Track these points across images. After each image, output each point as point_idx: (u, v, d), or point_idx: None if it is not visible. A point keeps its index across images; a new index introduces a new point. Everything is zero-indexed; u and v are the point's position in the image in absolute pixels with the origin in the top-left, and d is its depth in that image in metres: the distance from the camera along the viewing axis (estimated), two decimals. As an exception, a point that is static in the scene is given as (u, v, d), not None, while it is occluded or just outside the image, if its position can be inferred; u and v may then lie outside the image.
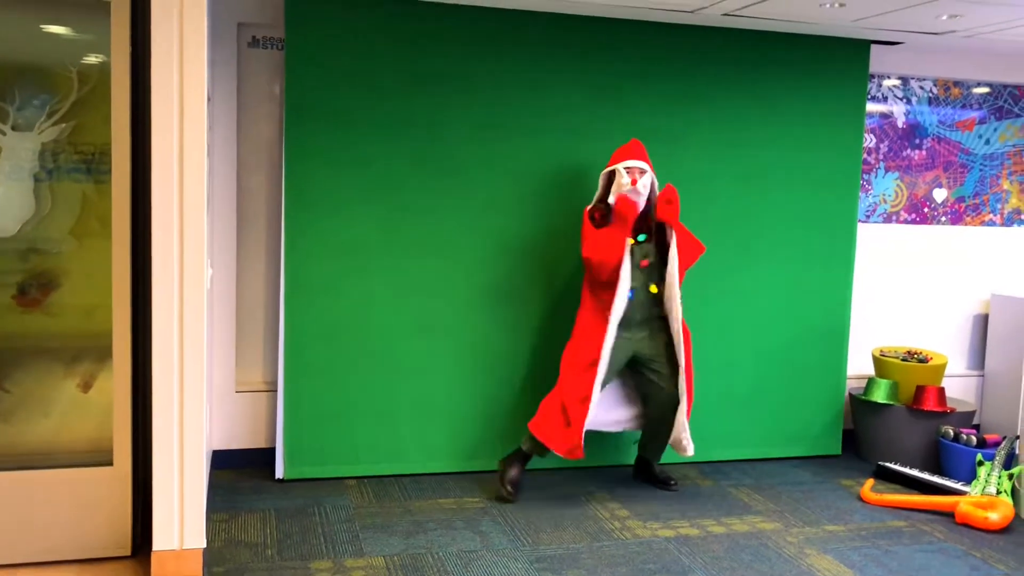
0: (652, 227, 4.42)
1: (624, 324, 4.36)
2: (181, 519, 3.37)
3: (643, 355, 4.43)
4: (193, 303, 3.31)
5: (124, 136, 3.41)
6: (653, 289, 4.39)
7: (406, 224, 4.60)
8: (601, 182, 4.40)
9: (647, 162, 4.34)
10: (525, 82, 4.70)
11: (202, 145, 3.28)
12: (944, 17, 4.37)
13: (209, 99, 3.98)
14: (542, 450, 4.38)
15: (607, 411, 4.56)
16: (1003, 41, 4.92)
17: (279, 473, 4.54)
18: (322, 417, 4.56)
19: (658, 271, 4.40)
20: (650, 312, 4.41)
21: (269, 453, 4.64)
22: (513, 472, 4.42)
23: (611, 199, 4.29)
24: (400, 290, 4.62)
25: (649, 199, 4.38)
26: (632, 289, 4.34)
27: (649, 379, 4.45)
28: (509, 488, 4.37)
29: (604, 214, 4.33)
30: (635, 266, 4.35)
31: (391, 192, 4.57)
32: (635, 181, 4.25)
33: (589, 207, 4.38)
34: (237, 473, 4.62)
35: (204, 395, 3.38)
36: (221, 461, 4.67)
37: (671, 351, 4.43)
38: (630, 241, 4.32)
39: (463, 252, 4.67)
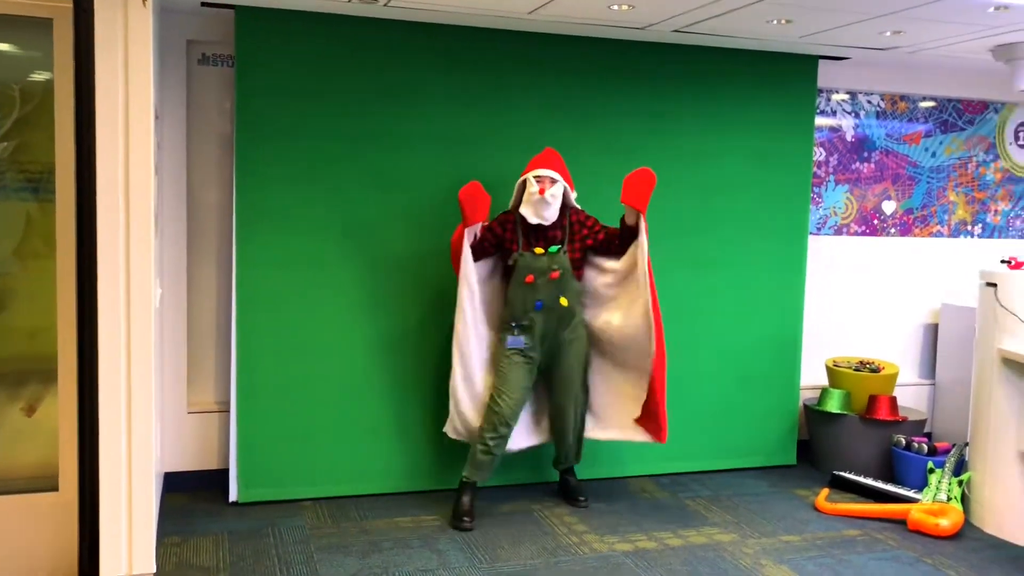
0: (564, 238, 4.38)
1: (531, 337, 4.33)
2: (130, 544, 3.31)
3: (552, 368, 4.42)
4: (140, 324, 3.26)
5: (68, 154, 3.35)
6: (564, 302, 4.34)
7: (360, 240, 4.58)
8: (515, 191, 4.36)
9: (561, 171, 4.30)
10: (480, 98, 4.71)
11: (148, 163, 3.24)
12: (888, 33, 4.46)
13: (157, 116, 3.94)
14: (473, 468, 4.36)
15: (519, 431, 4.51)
16: (946, 56, 5.03)
17: (233, 495, 4.47)
18: (276, 437, 4.50)
19: (569, 283, 4.36)
20: (559, 324, 4.37)
21: (223, 475, 4.57)
22: (464, 501, 4.36)
23: (522, 208, 4.27)
24: (355, 307, 4.59)
25: (563, 208, 4.34)
26: (539, 301, 4.31)
27: (557, 390, 4.44)
28: (466, 520, 4.31)
29: (512, 224, 4.32)
30: (544, 278, 4.30)
31: (344, 207, 4.55)
32: (543, 190, 4.21)
33: (499, 215, 4.40)
34: (190, 496, 4.54)
35: (153, 417, 3.32)
36: (173, 484, 4.59)
37: (583, 362, 4.44)
38: (539, 251, 4.30)
39: (418, 268, 4.65)
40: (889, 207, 5.82)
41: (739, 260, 5.19)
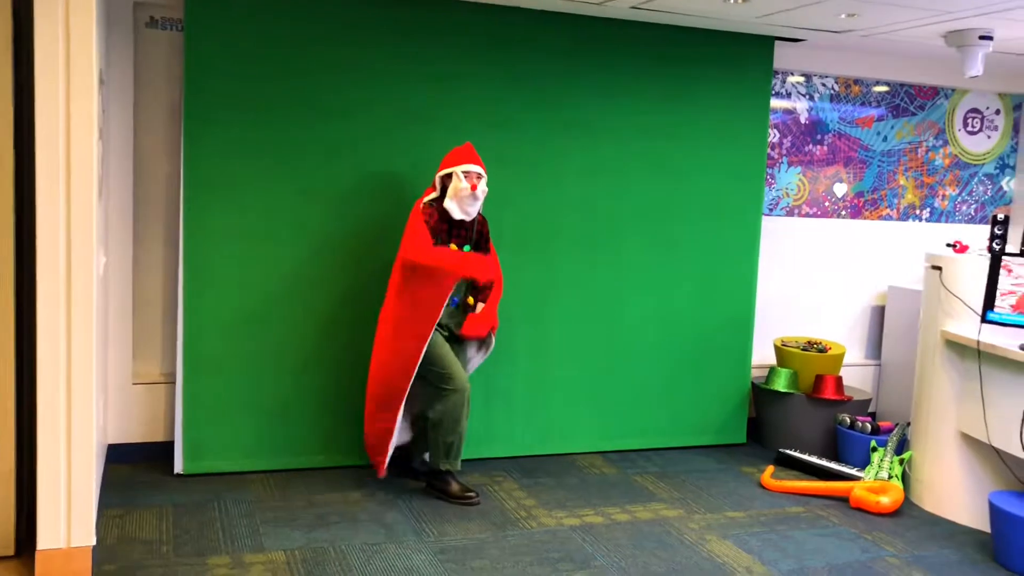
0: (474, 238, 4.33)
1: (445, 331, 4.28)
2: (68, 516, 3.24)
3: None
4: (82, 293, 3.18)
5: (7, 122, 3.24)
6: (470, 300, 4.34)
7: (310, 213, 4.51)
8: (436, 184, 4.23)
9: (483, 167, 4.23)
10: (437, 72, 4.65)
11: (91, 129, 3.15)
12: (843, 16, 4.48)
13: (102, 82, 3.83)
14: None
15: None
16: (899, 41, 5.07)
17: (178, 468, 4.41)
18: (223, 410, 4.45)
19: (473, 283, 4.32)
20: (460, 322, 4.32)
21: (168, 447, 4.51)
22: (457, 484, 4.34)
23: (447, 203, 4.17)
24: (304, 280, 4.53)
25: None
26: (455, 299, 4.27)
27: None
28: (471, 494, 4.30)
29: (436, 220, 4.17)
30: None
31: (295, 180, 4.48)
32: (475, 187, 4.16)
33: (422, 206, 4.18)
34: (134, 468, 4.47)
35: (94, 388, 3.25)
36: (117, 455, 4.52)
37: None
38: (453, 248, 4.21)
39: (369, 243, 4.60)
40: (840, 190, 5.88)
41: (693, 239, 5.22)
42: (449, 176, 4.19)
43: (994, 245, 4.22)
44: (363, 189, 4.58)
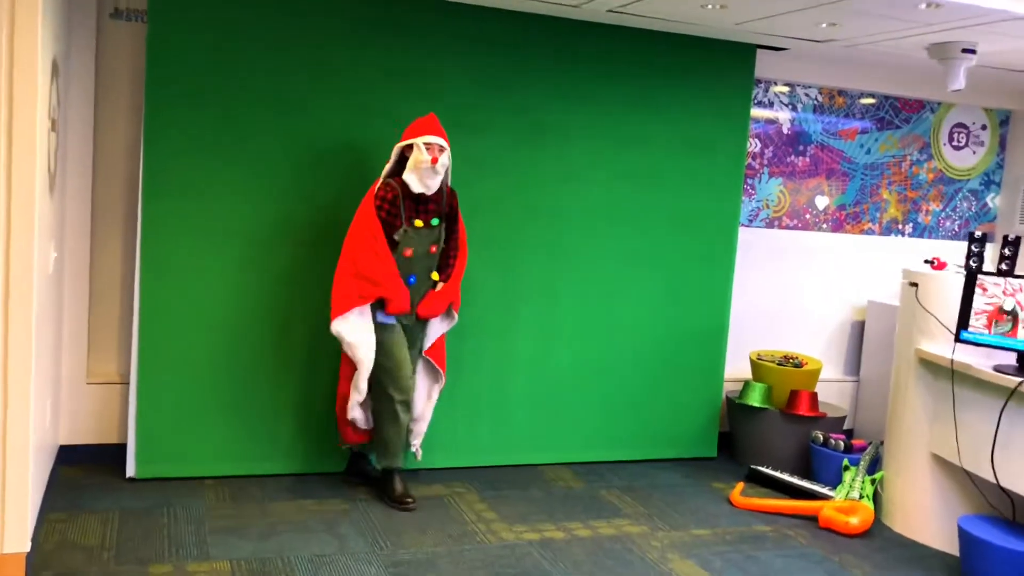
0: (444, 212, 4.21)
1: (403, 314, 4.18)
2: (2, 521, 3.12)
3: (411, 345, 4.27)
4: (21, 290, 3.07)
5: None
6: (435, 276, 4.22)
7: (272, 210, 4.40)
8: (393, 156, 4.12)
9: (446, 139, 4.11)
10: (405, 70, 4.55)
11: (33, 120, 3.04)
12: (824, 25, 4.39)
13: (58, 71, 3.73)
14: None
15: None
16: (884, 53, 4.98)
17: (130, 471, 4.29)
18: (178, 412, 4.33)
19: (443, 258, 4.24)
20: (418, 301, 4.20)
21: (122, 449, 4.38)
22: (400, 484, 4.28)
23: (406, 175, 4.05)
24: (263, 282, 4.41)
25: (444, 180, 4.18)
26: (412, 275, 4.13)
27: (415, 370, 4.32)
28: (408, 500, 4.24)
29: (395, 196, 4.06)
30: (423, 252, 4.13)
31: (257, 176, 4.36)
32: (436, 159, 4.02)
33: (378, 188, 4.07)
34: (85, 470, 4.35)
35: (31, 389, 3.13)
36: (68, 457, 4.40)
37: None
38: (418, 223, 4.09)
39: (328, 244, 4.47)
40: (822, 202, 5.78)
41: (666, 249, 5.11)
42: (410, 148, 4.06)
43: (971, 263, 4.12)
44: (325, 186, 4.46)
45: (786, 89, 5.57)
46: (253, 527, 3.88)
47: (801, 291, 5.79)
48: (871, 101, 5.77)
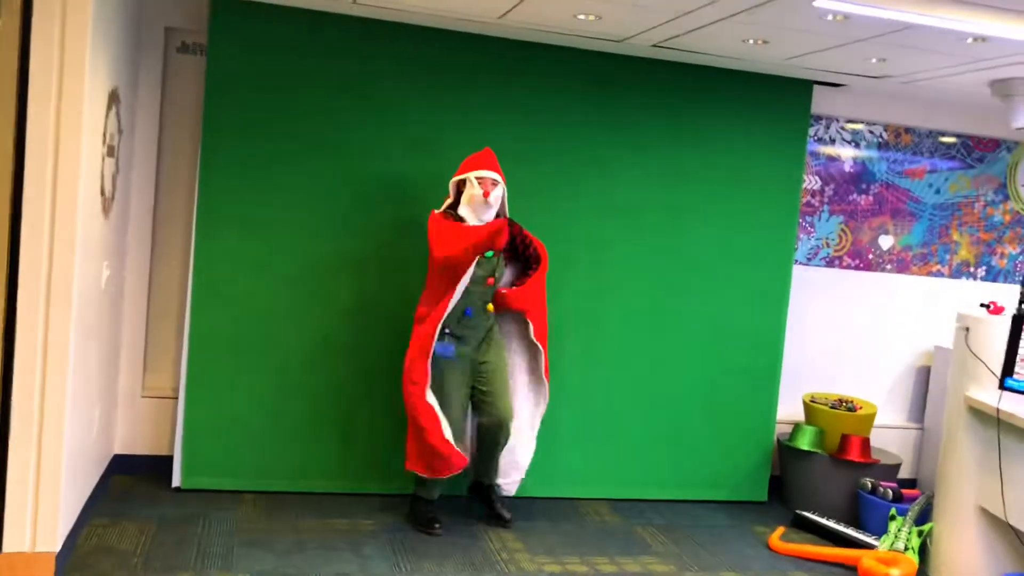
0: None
1: (461, 344, 4.22)
2: (35, 521, 3.31)
3: (479, 374, 4.29)
4: (61, 304, 3.27)
5: (7, 135, 3.37)
6: (490, 308, 4.26)
7: (318, 240, 4.56)
8: (451, 191, 4.24)
9: (500, 173, 4.20)
10: (454, 103, 4.66)
11: (78, 144, 3.26)
12: (873, 60, 4.29)
13: (119, 100, 3.98)
14: (425, 484, 4.30)
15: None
16: (945, 90, 4.83)
17: (176, 482, 4.48)
18: (223, 428, 4.50)
19: (494, 289, 4.26)
20: (485, 331, 4.27)
21: (171, 461, 4.58)
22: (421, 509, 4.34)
23: (461, 209, 4.16)
24: (309, 306, 4.56)
25: (500, 212, 4.24)
26: (469, 308, 4.18)
27: (483, 400, 4.30)
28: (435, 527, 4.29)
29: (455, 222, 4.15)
30: (479, 285, 4.18)
31: (305, 207, 4.53)
32: (487, 192, 4.11)
33: (438, 213, 4.19)
34: (136, 479, 4.56)
35: (67, 396, 3.32)
36: (122, 466, 4.62)
37: (506, 368, 4.33)
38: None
39: (375, 272, 4.61)
40: (886, 242, 5.61)
41: (716, 286, 5.04)
42: (464, 182, 4.16)
43: (1021, 307, 3.93)
44: (372, 217, 4.60)
45: (848, 126, 5.45)
46: (280, 542, 3.99)
47: (862, 333, 5.60)
48: (941, 140, 5.58)
